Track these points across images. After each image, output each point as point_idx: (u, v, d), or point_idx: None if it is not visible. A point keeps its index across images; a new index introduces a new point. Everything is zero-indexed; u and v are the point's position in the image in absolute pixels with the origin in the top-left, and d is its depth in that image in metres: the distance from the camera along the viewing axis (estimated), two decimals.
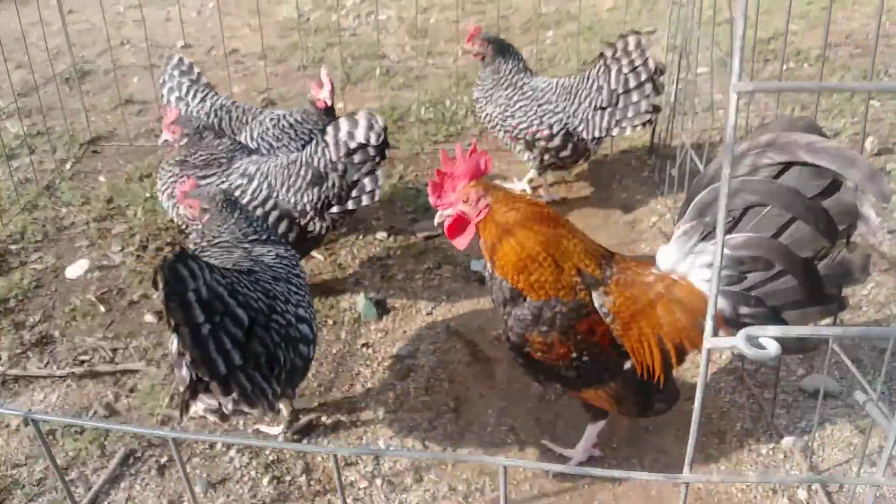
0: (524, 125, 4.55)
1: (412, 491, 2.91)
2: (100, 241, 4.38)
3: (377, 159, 3.50)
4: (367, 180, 3.53)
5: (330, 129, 3.46)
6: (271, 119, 4.17)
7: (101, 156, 5.43)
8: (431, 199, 2.64)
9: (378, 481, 2.95)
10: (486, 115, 4.70)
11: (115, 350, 3.61)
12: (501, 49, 4.62)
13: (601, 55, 4.42)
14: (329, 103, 4.18)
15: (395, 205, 4.75)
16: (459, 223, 2.63)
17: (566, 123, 4.46)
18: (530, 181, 4.90)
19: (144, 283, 4.02)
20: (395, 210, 4.70)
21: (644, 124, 4.46)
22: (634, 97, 4.34)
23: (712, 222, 2.36)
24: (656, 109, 4.43)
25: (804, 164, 2.19)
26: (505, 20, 7.61)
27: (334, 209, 3.55)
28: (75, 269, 4.09)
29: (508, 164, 5.19)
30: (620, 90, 4.35)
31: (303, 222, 3.58)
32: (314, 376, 3.44)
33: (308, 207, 3.54)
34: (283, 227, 3.55)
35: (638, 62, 4.29)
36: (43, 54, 5.12)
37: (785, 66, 6.50)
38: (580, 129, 4.45)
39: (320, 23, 7.71)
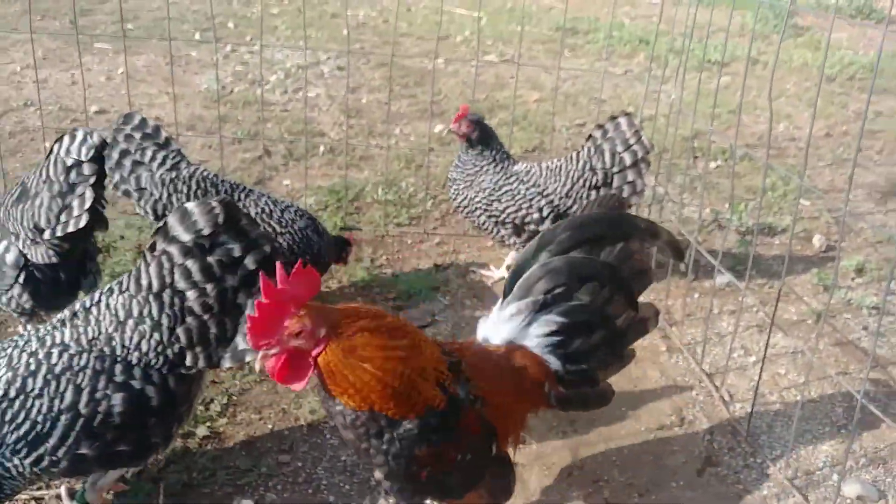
0: (511, 209, 4.39)
1: None
2: None
3: (91, 180, 3.04)
4: (75, 202, 3.06)
5: (55, 145, 3.06)
6: (276, 203, 3.77)
7: None
8: (250, 341, 2.10)
9: None
10: (466, 198, 4.51)
11: None
12: (487, 134, 4.48)
13: (590, 136, 4.39)
14: None
15: (373, 290, 4.39)
16: (292, 361, 2.12)
17: (557, 205, 4.35)
18: (508, 267, 4.72)
19: None
20: (375, 296, 4.34)
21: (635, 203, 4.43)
22: (630, 176, 4.31)
23: (542, 299, 2.59)
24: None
25: (620, 237, 2.67)
26: (437, 105, 7.53)
27: (46, 234, 3.10)
28: None
29: (479, 251, 4.98)
30: (616, 169, 4.30)
31: (22, 248, 3.16)
32: None
33: (18, 227, 3.14)
34: (10, 257, 3.18)
35: (632, 141, 4.28)
36: None
37: (714, 164, 6.76)
38: (573, 209, 4.34)
39: (247, 96, 7.33)
